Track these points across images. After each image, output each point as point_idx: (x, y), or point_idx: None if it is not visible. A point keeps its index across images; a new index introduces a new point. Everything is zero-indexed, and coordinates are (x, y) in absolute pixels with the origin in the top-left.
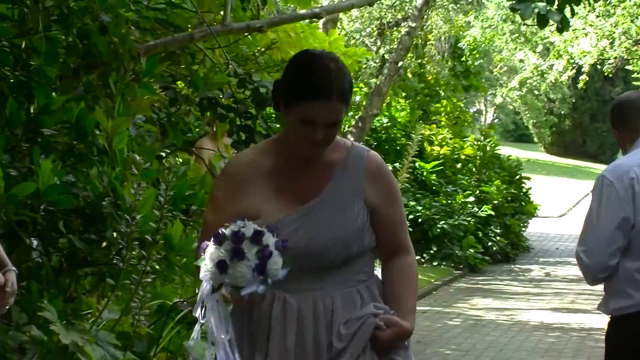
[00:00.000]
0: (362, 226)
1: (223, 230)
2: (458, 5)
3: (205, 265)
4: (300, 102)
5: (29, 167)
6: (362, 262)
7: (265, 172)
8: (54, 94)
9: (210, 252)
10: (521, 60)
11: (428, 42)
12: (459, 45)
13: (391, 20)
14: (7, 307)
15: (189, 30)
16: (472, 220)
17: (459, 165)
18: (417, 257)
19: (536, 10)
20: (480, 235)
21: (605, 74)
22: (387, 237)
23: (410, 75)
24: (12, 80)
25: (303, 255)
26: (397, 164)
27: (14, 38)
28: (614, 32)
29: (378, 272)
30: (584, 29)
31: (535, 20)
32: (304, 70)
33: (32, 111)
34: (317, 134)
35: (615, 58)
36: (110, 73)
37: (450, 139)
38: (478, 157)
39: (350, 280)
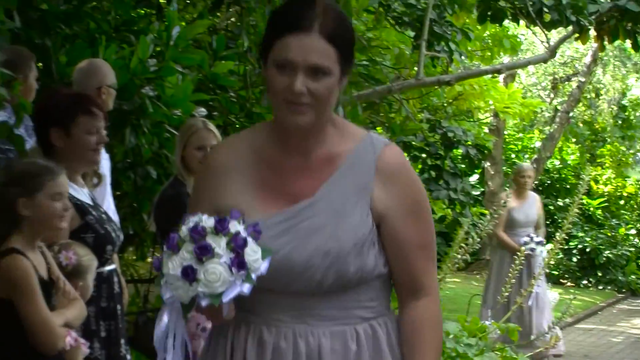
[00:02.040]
0: (364, 239)
1: (176, 233)
2: (626, 66)
3: (166, 282)
4: (274, 40)
5: None
6: (366, 293)
7: (253, 161)
8: None
9: (167, 265)
10: None
11: (601, 97)
12: (623, 100)
13: (563, 75)
14: None
15: (388, 83)
16: (634, 250)
17: (621, 202)
18: (585, 282)
19: None
20: None
21: None
22: (397, 261)
23: (581, 125)
24: (237, 126)
25: (283, 271)
26: (567, 200)
27: (239, 90)
28: None
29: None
30: None
31: None
32: (283, 5)
33: None
34: (295, 82)
35: None
36: None
37: (614, 178)
38: (639, 195)
39: (346, 315)
